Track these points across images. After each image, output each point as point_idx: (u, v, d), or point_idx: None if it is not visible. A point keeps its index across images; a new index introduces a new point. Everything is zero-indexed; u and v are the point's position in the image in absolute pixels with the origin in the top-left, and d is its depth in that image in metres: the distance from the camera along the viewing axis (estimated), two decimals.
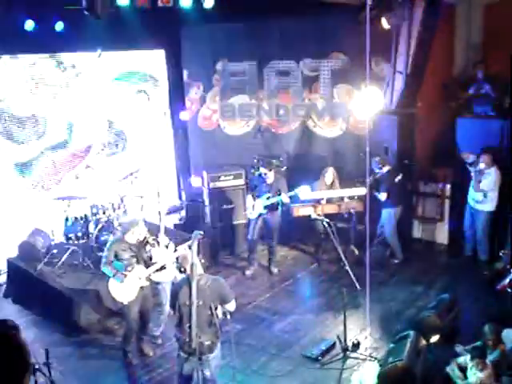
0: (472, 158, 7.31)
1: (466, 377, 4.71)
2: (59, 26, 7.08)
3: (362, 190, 7.35)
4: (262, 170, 7.43)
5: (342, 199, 7.62)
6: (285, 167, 8.71)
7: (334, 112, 9.08)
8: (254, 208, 7.44)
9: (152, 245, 5.52)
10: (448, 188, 8.14)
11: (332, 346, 5.74)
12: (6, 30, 6.47)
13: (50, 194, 7.42)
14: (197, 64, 9.14)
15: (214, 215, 8.37)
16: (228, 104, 9.20)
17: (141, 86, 9.03)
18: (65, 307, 6.47)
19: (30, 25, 6.80)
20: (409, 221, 8.36)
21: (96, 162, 8.21)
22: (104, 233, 7.12)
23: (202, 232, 4.37)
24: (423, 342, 5.13)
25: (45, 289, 6.79)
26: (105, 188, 7.83)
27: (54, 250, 7.30)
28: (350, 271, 5.52)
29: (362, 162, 7.41)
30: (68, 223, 7.35)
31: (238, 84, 9.10)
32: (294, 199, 7.48)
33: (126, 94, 8.89)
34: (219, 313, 4.28)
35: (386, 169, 7.50)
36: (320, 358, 5.56)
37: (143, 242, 5.53)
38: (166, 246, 5.61)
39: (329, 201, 7.65)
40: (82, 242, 7.22)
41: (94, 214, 7.21)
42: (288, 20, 8.44)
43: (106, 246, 5.56)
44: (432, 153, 8.56)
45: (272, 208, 7.40)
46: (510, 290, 6.60)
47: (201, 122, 9.39)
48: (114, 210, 7.27)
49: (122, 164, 8.77)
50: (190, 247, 4.35)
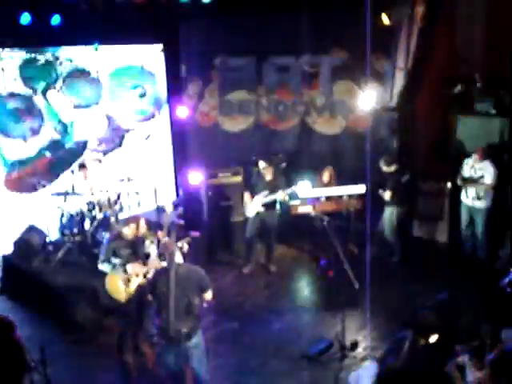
0: None
1: (464, 376, 4.69)
2: (56, 19, 7.00)
3: (361, 188, 7.30)
4: (261, 165, 7.38)
5: (341, 197, 7.56)
6: (284, 164, 8.66)
7: (334, 108, 9.03)
8: (252, 206, 7.39)
9: (151, 241, 5.47)
10: (448, 186, 8.10)
11: (330, 346, 5.72)
12: (2, 22, 6.39)
13: (45, 191, 7.36)
14: (195, 59, 9.06)
15: (212, 212, 8.31)
16: (226, 100, 9.14)
17: (138, 81, 8.94)
18: (60, 304, 6.44)
19: (26, 18, 6.71)
20: (408, 219, 8.32)
21: (92, 158, 8.14)
22: (100, 229, 7.07)
23: (181, 222, 4.44)
24: (422, 342, 5.09)
25: (40, 286, 6.75)
26: (101, 184, 7.77)
27: (50, 247, 7.27)
28: (349, 270, 5.50)
29: (362, 159, 7.43)
30: (64, 220, 7.29)
31: (236, 80, 9.03)
32: (293, 196, 7.42)
33: (123, 88, 8.82)
34: (197, 301, 4.34)
35: (393, 167, 7.44)
36: (318, 357, 5.54)
37: (141, 238, 5.48)
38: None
39: (328, 199, 7.60)
40: (77, 238, 7.16)
41: (90, 211, 7.15)
42: (287, 15, 8.38)
43: (103, 244, 5.51)
44: (432, 150, 8.52)
45: (270, 206, 7.35)
46: (509, 290, 6.58)
47: (199, 118, 9.33)
48: (110, 206, 7.22)
49: (119, 160, 8.71)
50: (169, 234, 4.42)
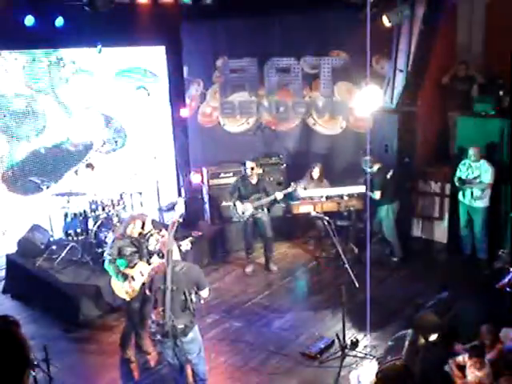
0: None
1: (464, 376, 4.72)
2: (59, 21, 7.05)
3: (361, 188, 7.34)
4: (249, 165, 7.38)
5: (342, 197, 7.61)
6: (284, 164, 8.70)
7: (335, 110, 9.06)
8: (244, 211, 7.43)
9: (157, 240, 5.48)
10: (448, 186, 8.13)
11: (331, 344, 5.74)
12: (6, 25, 6.44)
13: (48, 191, 7.41)
14: (197, 61, 9.10)
15: (214, 212, 8.35)
16: (228, 101, 9.17)
17: (141, 82, 9.00)
18: (64, 303, 6.48)
19: (29, 20, 6.77)
20: (408, 219, 8.36)
21: (96, 158, 8.19)
22: (103, 229, 7.10)
23: (180, 219, 4.50)
24: (422, 341, 5.12)
25: (44, 285, 6.79)
26: (104, 184, 7.81)
27: (53, 246, 7.30)
28: (349, 269, 5.53)
29: (362, 160, 7.46)
30: (67, 219, 7.35)
31: (238, 81, 9.07)
32: (291, 196, 7.45)
33: (126, 90, 8.86)
34: (193, 298, 4.41)
35: (376, 167, 7.48)
36: (318, 355, 5.57)
37: (147, 237, 5.51)
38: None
39: (328, 198, 7.64)
40: (81, 238, 7.21)
41: (94, 211, 7.20)
42: (289, 17, 8.42)
43: (109, 243, 5.55)
44: (432, 151, 8.55)
45: (263, 207, 7.42)
46: (509, 290, 6.61)
47: (201, 119, 9.37)
48: (113, 206, 7.26)
49: (121, 160, 8.75)
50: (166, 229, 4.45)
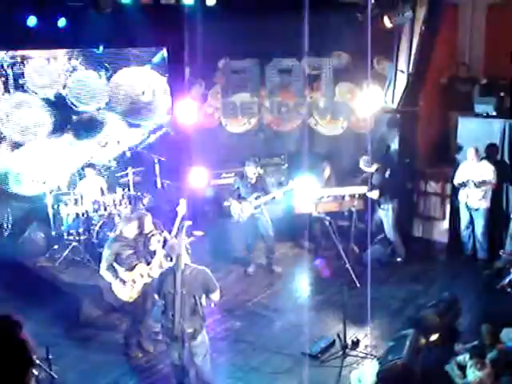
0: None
1: (465, 375, 4.74)
2: (61, 22, 7.07)
3: (362, 189, 7.35)
4: (250, 170, 7.37)
5: (343, 197, 7.62)
6: (286, 165, 8.72)
7: (336, 110, 9.06)
8: (243, 211, 7.44)
9: (158, 240, 5.49)
10: (448, 187, 8.15)
11: (332, 344, 5.75)
12: (9, 25, 6.46)
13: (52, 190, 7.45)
14: (199, 62, 9.11)
15: (215, 212, 8.36)
16: (230, 102, 9.19)
17: (143, 83, 9.01)
18: (66, 303, 6.48)
19: (32, 21, 6.79)
20: (409, 219, 8.37)
21: (99, 157, 8.24)
22: (105, 229, 7.13)
23: (190, 222, 4.50)
24: (423, 341, 5.14)
25: (46, 284, 6.81)
26: (106, 184, 7.85)
27: (55, 246, 7.33)
28: (351, 269, 5.54)
29: (360, 160, 7.47)
30: (69, 219, 7.36)
31: (239, 82, 9.08)
32: (290, 194, 7.47)
33: (129, 90, 8.88)
34: (203, 302, 4.43)
35: (374, 167, 7.50)
36: (319, 355, 5.57)
37: (147, 236, 5.52)
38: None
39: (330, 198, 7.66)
40: (83, 237, 7.23)
41: (96, 210, 7.22)
42: (290, 18, 8.42)
43: (106, 246, 5.52)
44: (433, 151, 8.57)
45: (260, 207, 7.42)
46: (509, 290, 6.63)
47: (203, 120, 9.38)
48: (115, 206, 7.28)
49: (123, 161, 8.77)
50: (176, 237, 4.46)
